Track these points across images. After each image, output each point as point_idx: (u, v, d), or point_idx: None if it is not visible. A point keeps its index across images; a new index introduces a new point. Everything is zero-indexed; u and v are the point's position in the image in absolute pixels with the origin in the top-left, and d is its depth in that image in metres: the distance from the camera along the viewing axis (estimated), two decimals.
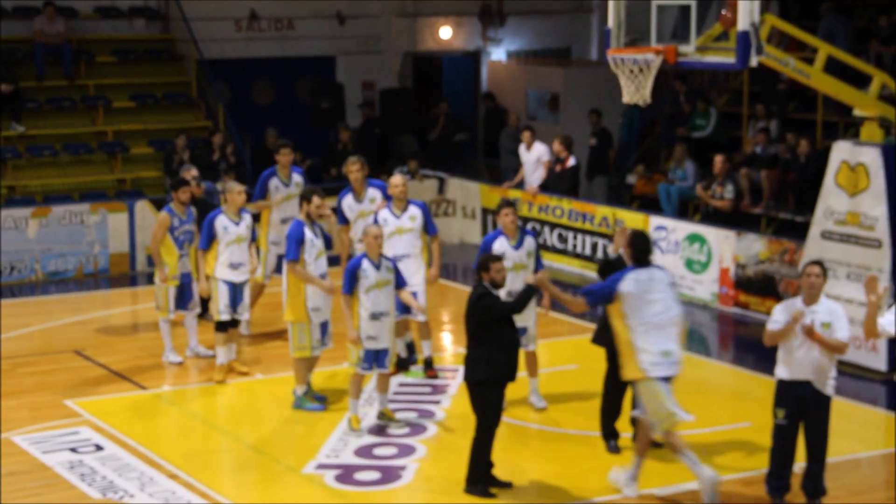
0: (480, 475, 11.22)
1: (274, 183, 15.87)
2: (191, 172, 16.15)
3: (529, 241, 13.12)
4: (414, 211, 14.05)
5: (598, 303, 11.43)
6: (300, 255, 13.01)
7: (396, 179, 14.19)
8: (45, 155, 21.49)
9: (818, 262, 10.82)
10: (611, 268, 11.70)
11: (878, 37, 20.42)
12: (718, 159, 18.87)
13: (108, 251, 19.73)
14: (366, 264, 12.44)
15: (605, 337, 11.92)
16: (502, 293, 11.44)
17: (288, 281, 13.29)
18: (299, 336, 13.28)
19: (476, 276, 11.30)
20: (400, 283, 12.77)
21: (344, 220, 14.62)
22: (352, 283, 12.41)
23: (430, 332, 14.47)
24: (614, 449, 12.23)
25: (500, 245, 12.96)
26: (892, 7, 20.84)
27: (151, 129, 22.51)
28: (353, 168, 14.67)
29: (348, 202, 14.62)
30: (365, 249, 12.59)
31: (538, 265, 13.19)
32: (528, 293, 11.32)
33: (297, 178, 15.93)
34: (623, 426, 12.23)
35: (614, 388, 12.08)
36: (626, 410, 12.01)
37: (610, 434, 12.29)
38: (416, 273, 14.00)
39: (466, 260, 14.61)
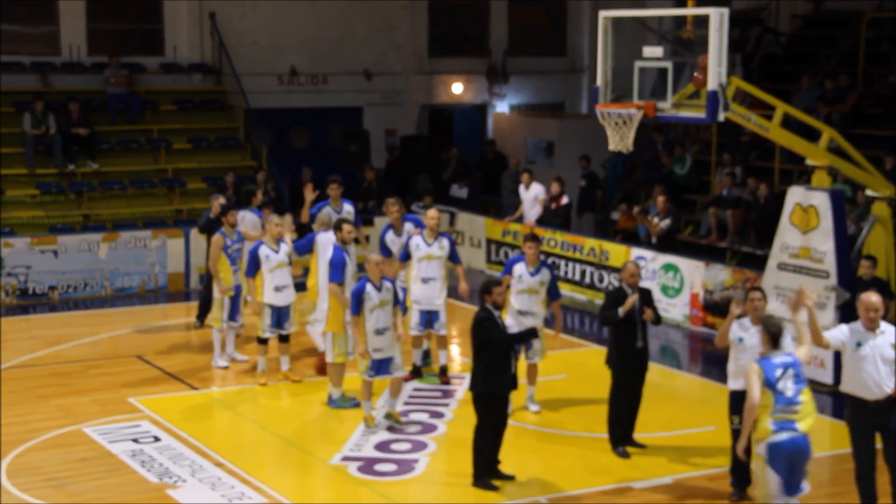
0: (483, 470, 11.12)
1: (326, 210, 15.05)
2: (218, 200, 16.12)
3: (545, 273, 12.91)
4: (443, 241, 13.92)
5: None
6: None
7: (433, 213, 14.10)
8: (115, 188, 21.49)
9: (758, 288, 10.84)
10: (614, 298, 11.73)
11: (825, 99, 20.41)
12: (661, 199, 18.71)
13: (166, 271, 19.71)
14: (369, 288, 12.25)
15: (611, 359, 11.90)
16: (513, 312, 11.33)
17: (330, 300, 13.17)
18: (338, 344, 13.19)
19: (480, 298, 11.13)
20: (396, 301, 12.56)
21: (387, 253, 14.24)
22: (358, 305, 12.26)
23: (447, 344, 14.36)
24: (623, 454, 11.88)
25: (520, 269, 12.86)
26: (836, 74, 20.94)
27: (205, 168, 22.48)
28: (393, 209, 14.43)
29: (390, 237, 14.37)
30: (367, 274, 12.36)
31: (555, 294, 13.00)
32: (528, 334, 11.35)
33: (347, 207, 15.24)
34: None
35: (616, 403, 11.89)
36: (641, 419, 12.03)
37: (617, 442, 11.98)
38: (439, 295, 13.88)
39: (472, 283, 14.53)
